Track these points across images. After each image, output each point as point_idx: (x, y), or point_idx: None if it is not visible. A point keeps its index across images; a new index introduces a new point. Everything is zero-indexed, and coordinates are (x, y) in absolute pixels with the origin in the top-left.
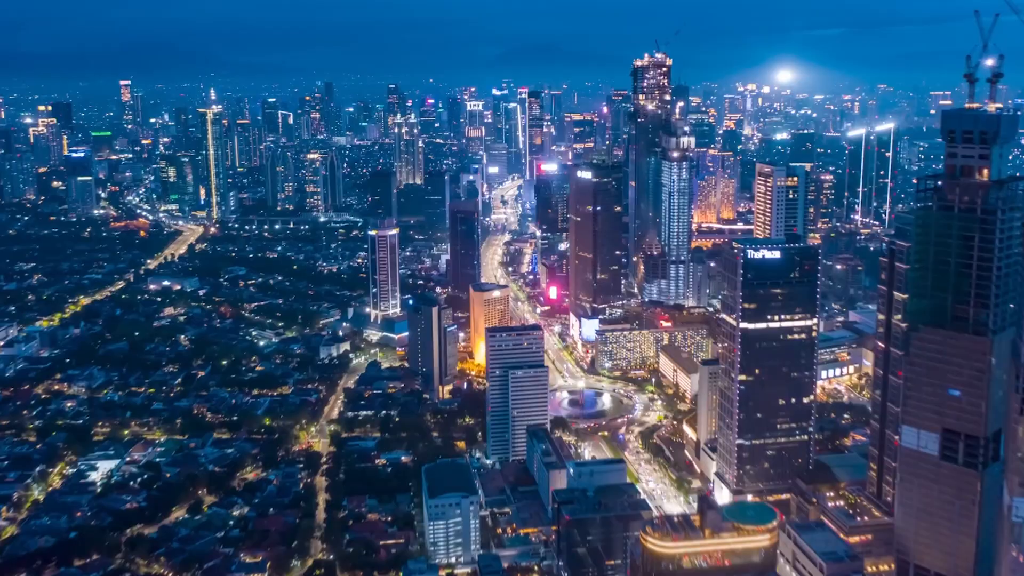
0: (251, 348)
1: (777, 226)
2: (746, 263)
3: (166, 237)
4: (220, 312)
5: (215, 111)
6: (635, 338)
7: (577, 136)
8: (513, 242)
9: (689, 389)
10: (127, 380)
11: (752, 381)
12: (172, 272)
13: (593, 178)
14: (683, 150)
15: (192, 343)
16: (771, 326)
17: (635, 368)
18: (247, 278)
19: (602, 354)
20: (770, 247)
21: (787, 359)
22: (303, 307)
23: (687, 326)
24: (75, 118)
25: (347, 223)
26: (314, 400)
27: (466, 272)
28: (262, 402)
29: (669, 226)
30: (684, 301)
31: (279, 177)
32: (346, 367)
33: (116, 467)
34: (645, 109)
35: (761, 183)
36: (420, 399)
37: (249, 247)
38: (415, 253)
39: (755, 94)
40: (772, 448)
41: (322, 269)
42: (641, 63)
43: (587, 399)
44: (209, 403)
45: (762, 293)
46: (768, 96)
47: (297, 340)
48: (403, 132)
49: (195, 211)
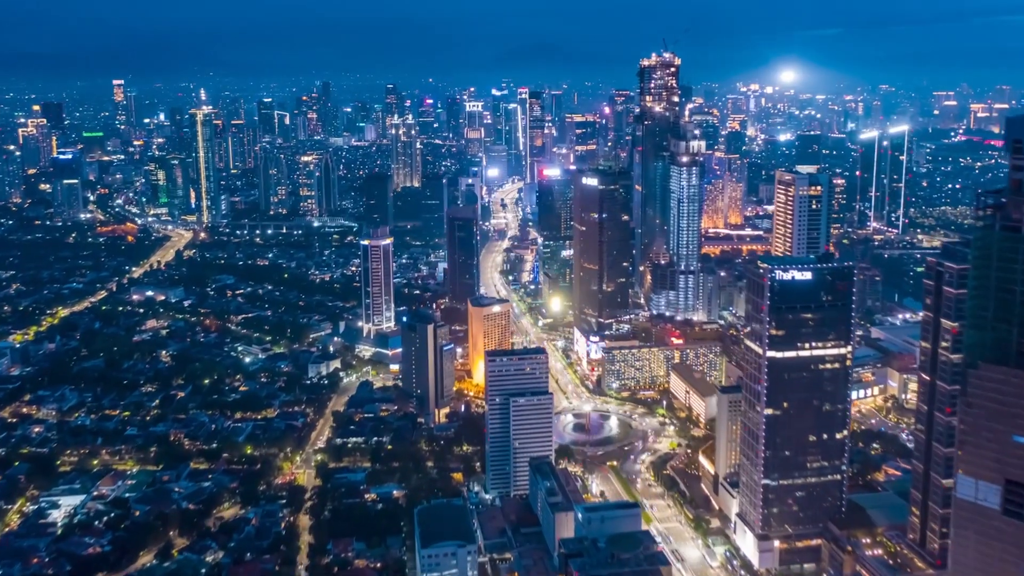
0: (236, 365)
1: (799, 239)
2: (774, 285)
3: (153, 243)
4: (204, 325)
5: (205, 112)
6: (644, 356)
7: (579, 138)
8: (513, 248)
9: (703, 413)
10: (101, 402)
11: (780, 415)
12: (157, 281)
13: (599, 185)
14: (693, 154)
15: (173, 359)
16: (801, 355)
17: (644, 388)
18: (235, 287)
19: (609, 373)
20: (800, 267)
21: (818, 391)
22: (293, 319)
23: (699, 343)
24: (71, 118)
25: (342, 228)
26: (300, 425)
27: (464, 282)
28: (244, 427)
29: (678, 234)
30: (693, 314)
31: (272, 180)
32: (336, 387)
33: (81, 504)
34: (652, 111)
35: (781, 192)
36: (414, 424)
37: (239, 254)
38: (411, 260)
39: (758, 94)
40: (801, 488)
41: (314, 278)
42: (648, 63)
43: (593, 423)
44: (187, 428)
45: (791, 318)
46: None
47: (285, 356)
48: (400, 133)
49: (185, 215)
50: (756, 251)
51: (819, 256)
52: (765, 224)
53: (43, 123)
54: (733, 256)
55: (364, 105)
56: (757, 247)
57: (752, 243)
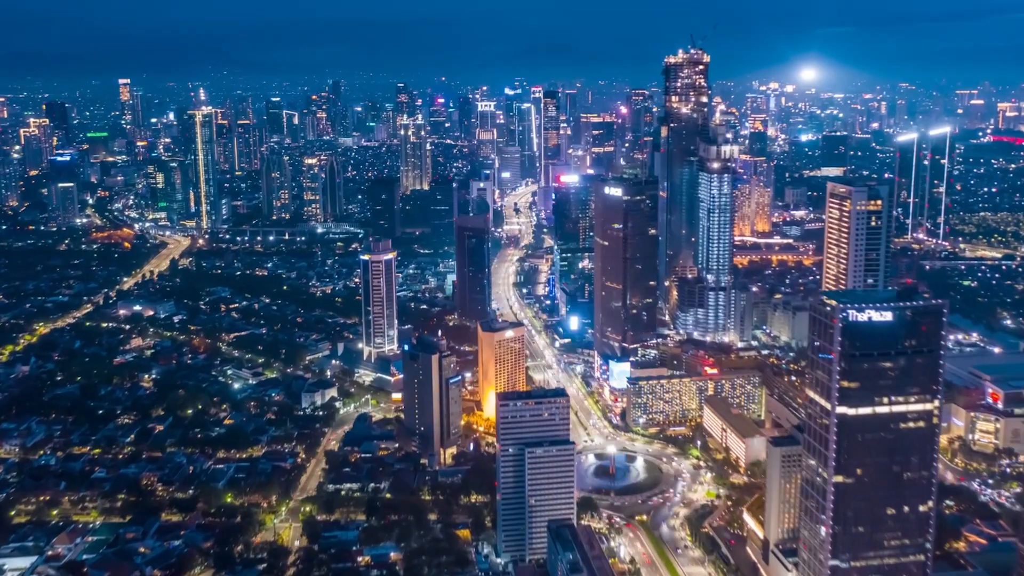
0: (223, 392)
1: (855, 262)
2: (846, 327)
3: (149, 250)
4: (193, 345)
5: (205, 112)
6: (674, 388)
7: (595, 139)
8: (527, 258)
9: (743, 456)
10: (70, 437)
11: (852, 484)
12: (148, 293)
13: (623, 195)
14: (724, 160)
15: (155, 385)
16: (879, 411)
17: (674, 424)
18: (230, 301)
19: (635, 406)
20: (879, 306)
21: (899, 454)
22: (288, 338)
23: (736, 372)
24: (80, 118)
25: (346, 235)
26: (289, 466)
27: (475, 297)
28: (225, 470)
29: (707, 247)
30: (724, 335)
31: (275, 183)
32: (331, 419)
33: (30, 568)
34: (679, 112)
35: (835, 206)
36: (416, 466)
37: (238, 262)
38: (419, 271)
39: (778, 93)
40: (877, 571)
41: (314, 290)
42: (674, 60)
43: (618, 466)
44: (161, 471)
45: (867, 368)
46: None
47: (277, 383)
48: (410, 134)
49: (185, 220)
50: (786, 261)
51: (900, 291)
52: (794, 231)
53: (46, 123)
54: (762, 267)
55: (375, 104)
56: (788, 257)
57: (782, 252)
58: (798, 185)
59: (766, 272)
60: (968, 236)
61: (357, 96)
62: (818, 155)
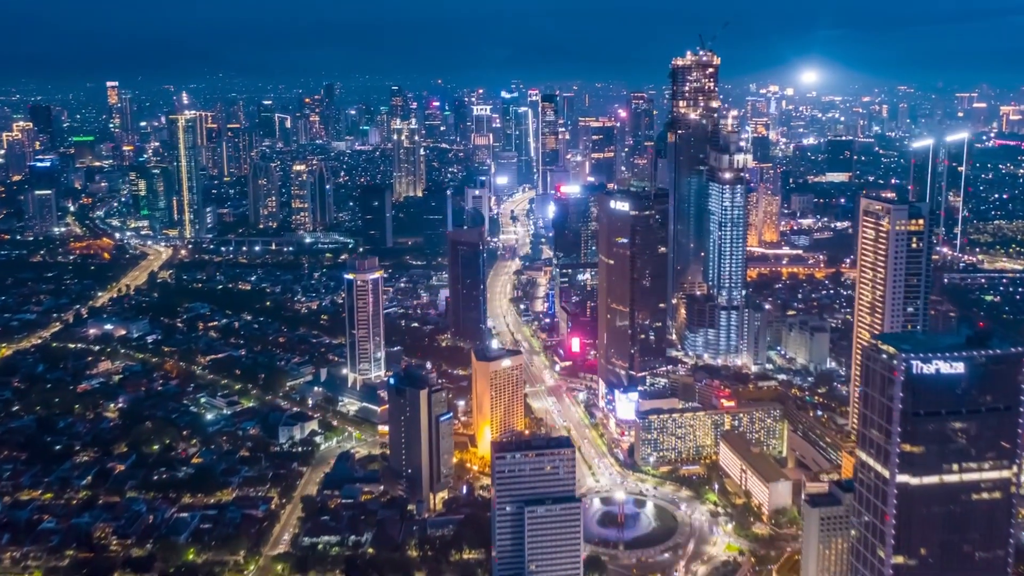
0: (194, 424)
1: (894, 289)
2: (910, 381)
3: (128, 262)
4: (165, 369)
5: (188, 117)
6: (687, 422)
7: (595, 144)
8: (525, 270)
9: (767, 502)
10: (20, 479)
11: (915, 566)
12: (122, 310)
13: (631, 210)
14: (737, 170)
15: (121, 416)
16: (947, 480)
17: (687, 462)
18: (209, 319)
19: (644, 443)
20: (948, 356)
21: (970, 530)
22: (269, 361)
23: (755, 405)
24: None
25: (336, 245)
26: (261, 514)
27: (469, 315)
28: (189, 520)
29: (718, 262)
30: (737, 357)
31: (262, 191)
32: (311, 456)
33: None
34: (686, 118)
35: (870, 225)
36: (403, 514)
37: (220, 275)
38: (410, 285)
39: (778, 96)
40: None
41: (299, 307)
42: (682, 62)
43: (628, 513)
44: (117, 521)
45: (933, 429)
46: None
47: (253, 414)
48: (403, 139)
49: (168, 229)
50: (797, 273)
51: (972, 336)
52: (802, 241)
53: (30, 127)
54: (772, 280)
55: (368, 108)
56: (798, 269)
57: (792, 264)
58: (803, 191)
59: (776, 286)
60: (985, 246)
61: (353, 99)
62: (822, 160)
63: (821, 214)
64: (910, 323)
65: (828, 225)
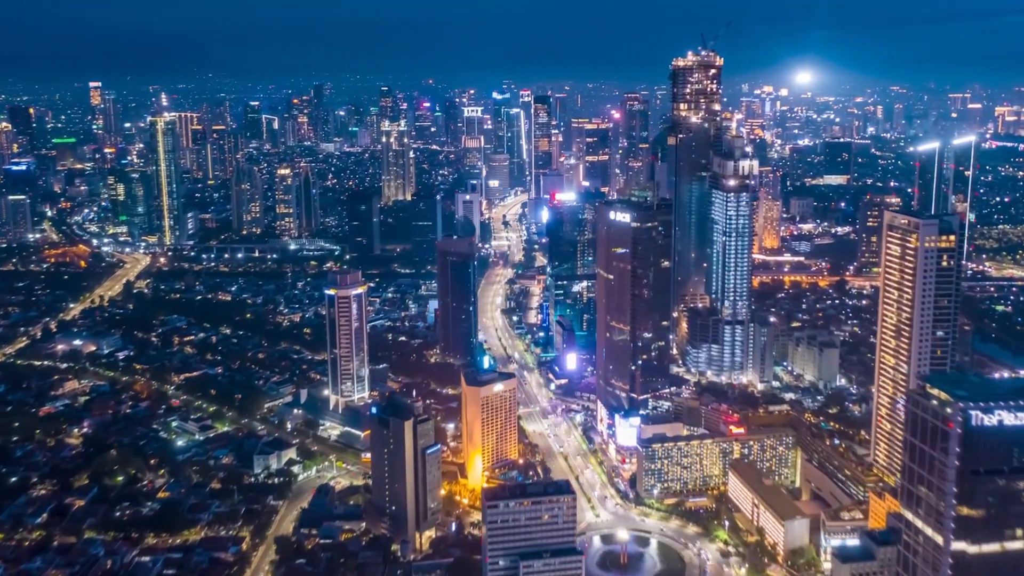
0: (163, 452)
1: (923, 311)
2: (968, 434)
3: (103, 271)
4: (136, 390)
5: (167, 119)
6: (693, 451)
7: (589, 147)
8: (518, 278)
9: (781, 541)
10: None
11: None
12: (94, 323)
13: (632, 222)
14: (742, 177)
15: (84, 442)
16: (1009, 548)
17: (694, 493)
18: (186, 333)
19: (648, 473)
20: (1013, 406)
21: None
22: (246, 380)
23: (766, 431)
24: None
25: (321, 252)
26: (231, 557)
27: (459, 330)
28: (151, 565)
29: (722, 274)
30: (742, 374)
31: (245, 195)
32: (287, 489)
33: None
34: (687, 121)
35: (895, 242)
36: (386, 556)
37: (200, 285)
38: (398, 295)
39: (772, 97)
40: None
41: (281, 319)
42: (683, 63)
43: (630, 554)
44: (72, 567)
45: (995, 489)
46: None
47: (227, 440)
48: (392, 141)
49: (147, 235)
50: (800, 282)
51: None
52: (803, 247)
53: (8, 128)
54: (774, 289)
55: (358, 108)
56: (801, 277)
57: (794, 272)
58: (801, 195)
59: (779, 295)
60: (991, 252)
61: (343, 99)
62: (819, 162)
63: (821, 218)
64: (939, 348)
65: (829, 230)
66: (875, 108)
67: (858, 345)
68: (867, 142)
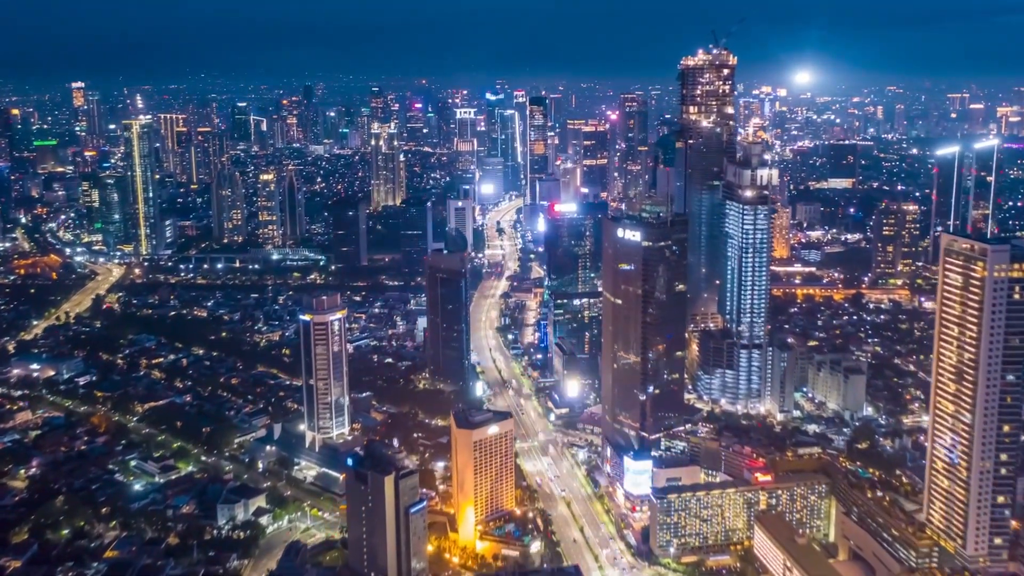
0: (116, 498)
1: (991, 351)
2: None
3: (74, 283)
4: (93, 423)
5: (143, 122)
6: (714, 501)
7: (587, 151)
8: (513, 291)
9: None
10: None
11: None
12: (56, 344)
13: (643, 240)
14: (760, 187)
15: (30, 487)
16: None
17: (715, 550)
18: (155, 354)
19: (662, 527)
20: None
21: None
22: (216, 411)
23: (795, 478)
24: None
25: (305, 262)
26: None
27: (450, 353)
28: None
29: (738, 293)
30: (759, 402)
31: (226, 201)
32: (253, 545)
33: None
34: (698, 126)
35: (956, 269)
36: None
37: (175, 299)
38: (385, 311)
39: (772, 98)
40: None
41: (259, 339)
42: (693, 63)
43: None
44: None
45: None
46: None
47: (190, 484)
48: (382, 143)
49: (122, 244)
50: (813, 295)
51: None
52: (813, 256)
53: None
54: (787, 303)
55: (349, 109)
56: (814, 290)
57: (806, 284)
58: (806, 199)
59: (792, 311)
60: None
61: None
62: (822, 164)
63: (830, 225)
64: (1009, 395)
65: (838, 237)
66: (875, 108)
67: (882, 368)
68: (870, 143)
